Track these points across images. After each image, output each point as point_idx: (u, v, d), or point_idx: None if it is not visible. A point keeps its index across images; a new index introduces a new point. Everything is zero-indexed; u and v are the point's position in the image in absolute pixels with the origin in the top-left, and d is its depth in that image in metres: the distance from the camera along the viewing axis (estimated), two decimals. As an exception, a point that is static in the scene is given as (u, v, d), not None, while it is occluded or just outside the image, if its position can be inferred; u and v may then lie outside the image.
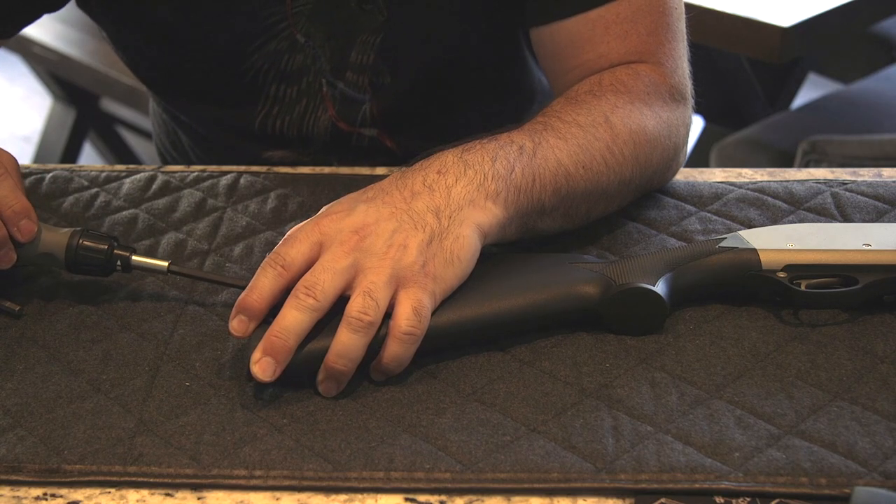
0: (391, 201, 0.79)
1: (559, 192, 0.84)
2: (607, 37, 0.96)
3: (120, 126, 2.84)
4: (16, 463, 0.71)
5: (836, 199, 0.95)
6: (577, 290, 0.80)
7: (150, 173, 1.03)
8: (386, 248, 0.76)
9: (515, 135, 0.85)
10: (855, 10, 1.65)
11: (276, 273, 0.76)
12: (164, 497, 0.70)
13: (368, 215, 0.77)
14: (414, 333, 0.75)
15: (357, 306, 0.74)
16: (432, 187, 0.79)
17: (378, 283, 0.75)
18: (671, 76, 0.96)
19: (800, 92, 2.35)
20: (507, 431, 0.72)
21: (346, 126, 1.09)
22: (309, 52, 1.05)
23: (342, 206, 0.79)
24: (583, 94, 0.92)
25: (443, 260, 0.77)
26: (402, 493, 0.69)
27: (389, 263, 0.75)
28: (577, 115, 0.88)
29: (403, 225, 0.77)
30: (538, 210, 0.84)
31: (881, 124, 1.93)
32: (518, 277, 0.81)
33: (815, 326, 0.81)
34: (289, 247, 0.77)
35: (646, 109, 0.92)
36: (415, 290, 0.75)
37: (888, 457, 0.69)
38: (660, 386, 0.76)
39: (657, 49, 0.96)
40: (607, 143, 0.88)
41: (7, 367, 0.80)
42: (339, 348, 0.74)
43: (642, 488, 0.68)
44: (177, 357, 0.80)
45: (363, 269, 0.75)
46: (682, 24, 0.99)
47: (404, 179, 0.81)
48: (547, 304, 0.80)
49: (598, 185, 0.87)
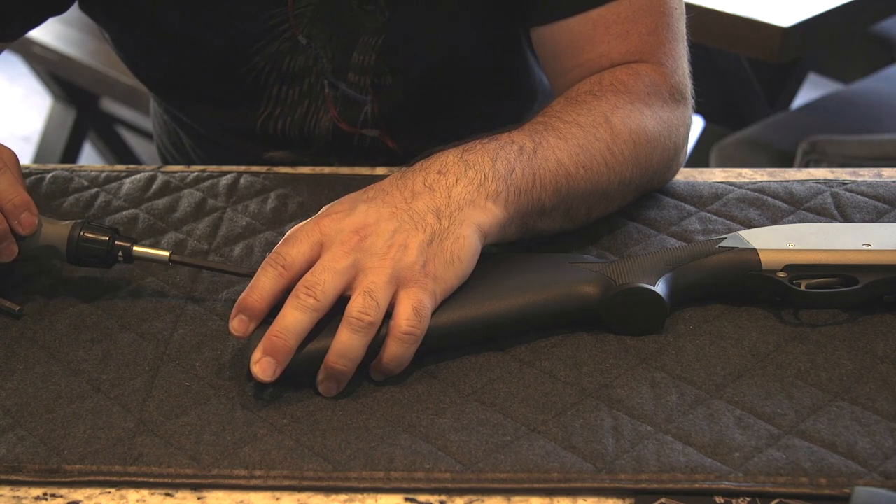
0: (392, 201, 0.79)
1: (559, 192, 0.84)
2: (608, 36, 0.96)
3: (120, 126, 2.84)
4: (16, 463, 0.71)
5: (836, 199, 0.95)
6: (578, 290, 0.80)
7: (150, 173, 1.03)
8: (386, 248, 0.76)
9: (516, 135, 0.85)
10: (855, 10, 1.65)
11: (277, 273, 0.76)
12: (164, 497, 0.70)
13: (369, 215, 0.77)
14: (414, 333, 0.75)
15: (358, 306, 0.74)
16: (433, 187, 0.79)
17: (378, 283, 0.75)
18: (671, 76, 0.96)
19: (800, 92, 2.35)
20: (507, 431, 0.72)
21: (347, 127, 1.09)
22: (311, 54, 1.05)
23: (342, 206, 0.79)
24: (583, 94, 0.92)
25: (443, 260, 0.77)
26: (402, 493, 0.69)
27: (390, 263, 0.75)
28: (577, 115, 0.88)
29: (404, 225, 0.77)
30: (538, 210, 0.84)
31: (881, 124, 1.92)
32: (518, 277, 0.81)
33: (815, 326, 0.81)
34: (289, 246, 0.77)
35: (646, 109, 0.92)
36: (415, 290, 0.75)
37: (888, 457, 0.69)
38: (660, 386, 0.76)
39: (657, 49, 0.96)
40: (607, 143, 0.88)
41: (7, 367, 0.80)
42: (339, 348, 0.74)
43: (642, 488, 0.68)
44: (177, 357, 0.80)
45: (364, 269, 0.75)
46: (682, 24, 0.99)
47: (405, 179, 0.81)
48: (547, 304, 0.80)
49: (599, 186, 0.87)
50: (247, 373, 0.76)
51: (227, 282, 0.88)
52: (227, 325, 0.76)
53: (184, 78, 1.09)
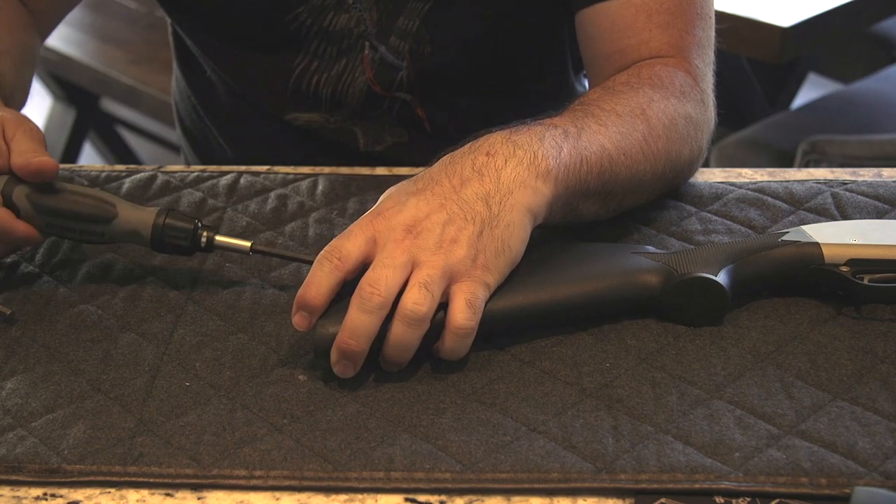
0: (441, 192, 0.79)
1: (603, 175, 0.85)
2: (650, 25, 0.97)
3: (120, 126, 2.84)
4: (16, 463, 0.71)
5: (836, 199, 0.95)
6: (639, 278, 0.81)
7: (150, 173, 1.03)
8: (438, 244, 0.77)
9: (558, 120, 0.86)
10: (855, 10, 1.65)
11: (333, 266, 0.77)
12: (164, 497, 0.70)
13: (420, 210, 0.78)
14: (469, 327, 0.76)
15: (413, 297, 0.75)
16: (481, 171, 0.80)
17: (434, 276, 0.75)
18: (702, 80, 0.98)
19: (800, 92, 2.35)
20: (507, 431, 0.72)
21: (380, 90, 1.10)
22: (354, 15, 1.06)
23: (395, 201, 0.80)
24: (620, 84, 0.93)
25: (494, 250, 0.78)
26: (402, 493, 0.69)
27: (442, 258, 0.76)
28: (615, 104, 0.89)
29: (454, 217, 0.78)
30: (584, 192, 0.85)
31: (881, 124, 1.92)
32: (581, 264, 0.82)
33: (816, 326, 0.81)
34: (344, 240, 0.78)
35: (679, 107, 0.93)
36: (468, 283, 0.76)
37: (888, 457, 0.69)
38: (660, 386, 0.76)
39: (693, 49, 0.98)
40: (644, 134, 0.89)
41: (7, 367, 0.80)
42: (394, 340, 0.75)
43: (642, 488, 0.68)
44: (177, 357, 0.80)
45: (418, 264, 0.76)
46: (712, 33, 1.01)
47: (453, 165, 0.81)
48: (609, 292, 0.80)
49: (637, 174, 0.88)
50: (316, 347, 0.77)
51: (228, 281, 0.88)
52: (227, 325, 0.76)
53: (226, 16, 1.09)
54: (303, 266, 0.89)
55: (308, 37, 1.07)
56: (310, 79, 1.10)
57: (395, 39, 1.07)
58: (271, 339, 0.81)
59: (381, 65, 1.08)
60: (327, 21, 1.06)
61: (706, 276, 0.80)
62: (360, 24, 1.06)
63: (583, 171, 0.84)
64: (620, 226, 0.92)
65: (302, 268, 0.89)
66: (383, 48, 1.07)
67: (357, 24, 1.06)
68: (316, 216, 0.96)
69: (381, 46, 1.07)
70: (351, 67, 1.09)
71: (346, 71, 1.09)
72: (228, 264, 0.90)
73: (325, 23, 1.06)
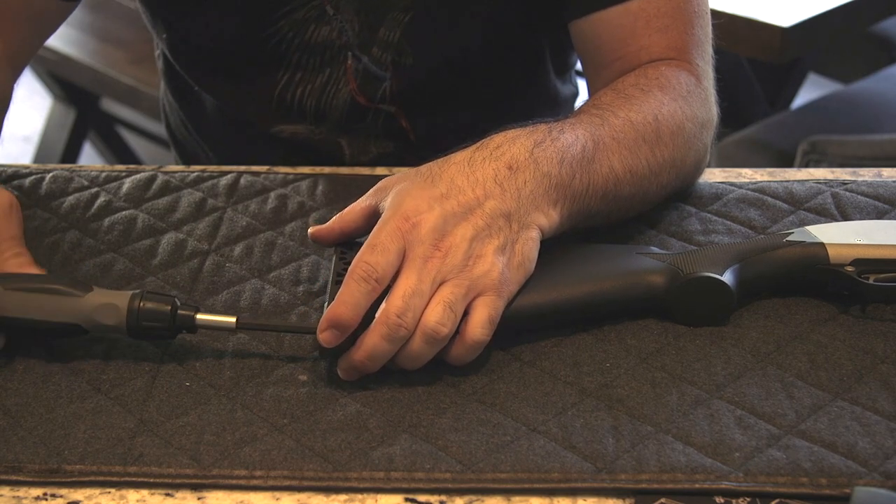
0: (465, 202, 0.79)
1: (607, 197, 0.86)
2: (649, 30, 0.97)
3: (120, 126, 2.84)
4: (16, 463, 0.71)
5: (836, 199, 0.95)
6: (645, 278, 0.81)
7: (151, 173, 1.03)
8: (465, 261, 0.77)
9: (579, 130, 0.85)
10: (855, 10, 1.65)
11: (371, 288, 0.76)
12: (164, 497, 0.70)
13: (447, 222, 0.78)
14: (485, 341, 0.76)
15: (436, 317, 0.75)
16: (503, 185, 0.80)
17: (458, 295, 0.76)
18: (704, 79, 0.98)
19: (800, 92, 2.35)
20: (507, 431, 0.72)
21: (365, 101, 1.10)
22: (335, 26, 1.05)
23: (416, 203, 0.78)
24: (630, 87, 0.93)
25: (515, 264, 0.78)
26: (402, 493, 0.69)
27: (467, 277, 0.76)
28: (629, 111, 0.89)
29: (480, 233, 0.78)
30: (586, 214, 0.85)
31: (881, 124, 1.93)
32: (586, 266, 0.82)
33: (816, 326, 0.81)
34: (378, 256, 0.76)
35: (686, 108, 0.93)
36: (491, 297, 0.77)
37: (888, 457, 0.69)
38: (660, 386, 0.76)
39: (694, 49, 0.98)
40: (652, 146, 0.89)
41: (7, 367, 0.80)
42: (410, 355, 0.75)
43: (642, 488, 0.68)
44: (177, 357, 0.80)
45: (445, 281, 0.76)
46: (710, 29, 1.01)
47: (474, 171, 0.80)
48: (614, 292, 0.81)
49: (641, 189, 0.89)
50: (314, 344, 0.77)
51: (227, 282, 0.88)
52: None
53: (211, 29, 1.09)
54: (302, 265, 0.89)
55: (290, 49, 1.07)
56: (294, 91, 1.10)
57: (377, 50, 1.07)
58: (271, 339, 0.81)
59: (364, 75, 1.08)
60: (309, 33, 1.06)
61: (712, 275, 0.80)
62: (341, 35, 1.06)
63: (588, 196, 0.84)
64: (620, 226, 0.92)
65: (301, 267, 0.89)
66: (366, 58, 1.07)
67: (339, 35, 1.06)
68: (316, 216, 0.96)
69: (363, 57, 1.07)
70: (335, 78, 1.09)
71: (330, 82, 1.09)
72: (228, 264, 0.90)
73: (307, 35, 1.06)
